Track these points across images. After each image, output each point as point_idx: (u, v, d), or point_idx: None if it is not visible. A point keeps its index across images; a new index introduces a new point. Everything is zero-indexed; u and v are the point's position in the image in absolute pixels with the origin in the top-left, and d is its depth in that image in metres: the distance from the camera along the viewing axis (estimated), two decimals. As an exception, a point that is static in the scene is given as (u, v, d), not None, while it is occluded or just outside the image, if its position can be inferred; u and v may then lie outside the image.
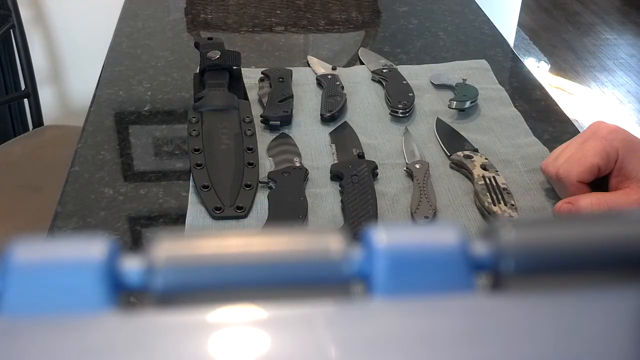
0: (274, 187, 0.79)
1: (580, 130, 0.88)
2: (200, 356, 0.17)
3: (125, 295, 0.21)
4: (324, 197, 0.79)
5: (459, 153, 0.85)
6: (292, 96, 0.96)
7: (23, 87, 1.61)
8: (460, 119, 0.94)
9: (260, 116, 0.91)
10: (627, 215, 0.23)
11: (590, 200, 0.72)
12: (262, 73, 1.01)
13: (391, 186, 0.81)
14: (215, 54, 0.95)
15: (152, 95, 1.01)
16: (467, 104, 0.95)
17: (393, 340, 0.18)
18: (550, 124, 0.96)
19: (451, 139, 0.89)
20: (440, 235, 0.21)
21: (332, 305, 0.19)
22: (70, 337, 0.18)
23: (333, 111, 0.93)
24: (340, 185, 0.79)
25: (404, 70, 1.05)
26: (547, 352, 0.17)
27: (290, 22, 1.26)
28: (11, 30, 1.54)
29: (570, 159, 0.74)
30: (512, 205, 0.76)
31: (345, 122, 0.93)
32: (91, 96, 1.01)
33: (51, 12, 1.86)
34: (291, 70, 1.02)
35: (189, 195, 0.79)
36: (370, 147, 0.88)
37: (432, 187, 0.80)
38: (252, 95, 0.98)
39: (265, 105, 0.94)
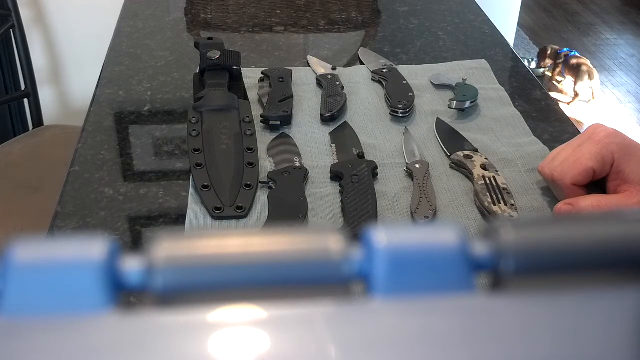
0: (274, 187, 0.79)
1: (580, 131, 0.88)
2: (200, 356, 0.17)
3: (125, 295, 0.21)
4: (324, 197, 0.79)
5: (459, 153, 0.85)
6: (292, 96, 0.96)
7: (23, 87, 1.61)
8: (460, 119, 0.94)
9: (260, 116, 0.91)
10: (627, 215, 0.23)
11: (590, 202, 0.72)
12: (262, 73, 1.01)
13: (391, 186, 0.81)
14: (215, 54, 0.95)
15: (152, 95, 1.01)
16: (467, 104, 0.95)
17: (393, 340, 0.18)
18: (550, 124, 0.96)
19: (451, 139, 0.89)
20: (440, 235, 0.21)
21: (332, 305, 0.19)
22: (70, 337, 0.18)
23: (333, 111, 0.93)
24: (340, 185, 0.79)
25: (404, 70, 1.05)
26: (546, 352, 0.17)
27: (290, 22, 1.26)
28: (11, 30, 1.54)
29: (565, 161, 0.74)
30: (512, 205, 0.76)
31: (345, 122, 0.93)
32: (91, 96, 1.01)
33: (51, 12, 1.86)
34: (291, 70, 1.02)
35: (189, 195, 0.79)
36: (370, 147, 0.88)
37: (432, 187, 0.80)
38: (252, 95, 0.98)
39: (265, 105, 0.94)
